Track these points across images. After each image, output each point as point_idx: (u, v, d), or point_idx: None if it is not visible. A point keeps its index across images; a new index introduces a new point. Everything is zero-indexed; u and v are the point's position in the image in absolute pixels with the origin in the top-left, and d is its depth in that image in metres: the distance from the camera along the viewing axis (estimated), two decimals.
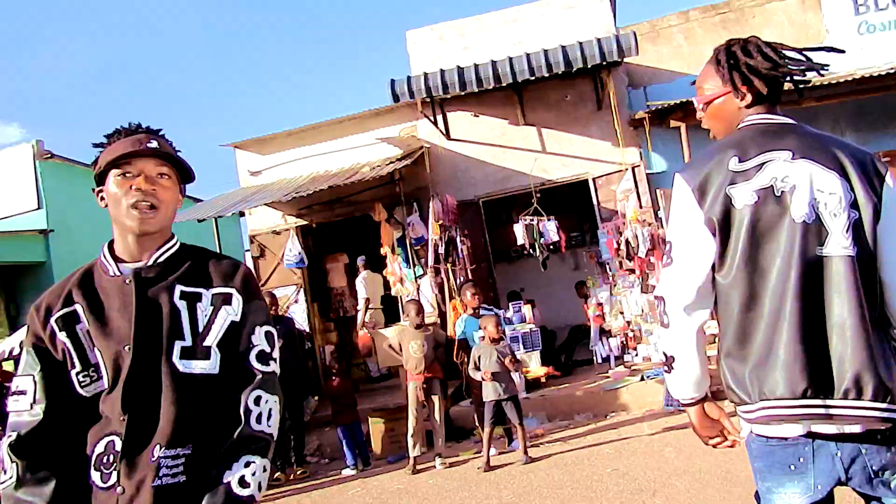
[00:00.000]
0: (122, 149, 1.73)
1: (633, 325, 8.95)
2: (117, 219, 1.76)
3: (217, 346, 1.73)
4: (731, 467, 5.09)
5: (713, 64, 1.99)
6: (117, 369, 1.67)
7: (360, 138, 10.31)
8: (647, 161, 9.53)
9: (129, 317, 1.70)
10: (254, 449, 1.66)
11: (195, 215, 10.57)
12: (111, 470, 1.63)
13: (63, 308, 1.72)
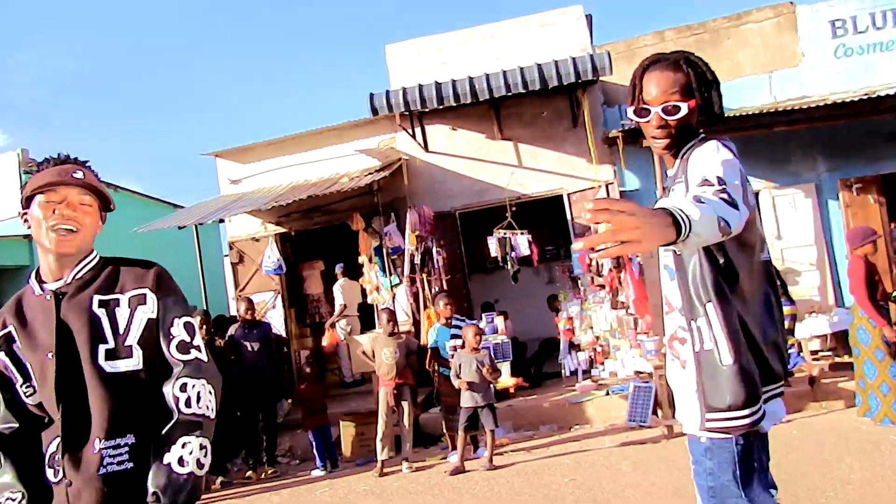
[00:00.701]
0: (49, 177, 1.87)
1: (602, 340, 9.10)
2: (38, 240, 1.90)
3: (138, 343, 1.88)
4: (682, 483, 5.24)
5: (684, 74, 1.96)
6: (44, 376, 1.85)
7: (340, 149, 10.45)
8: (621, 178, 9.70)
9: (50, 328, 1.87)
10: (188, 430, 1.80)
11: (176, 222, 10.68)
12: (57, 468, 1.80)
13: (1, 330, 1.90)
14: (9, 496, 1.78)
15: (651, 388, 7.21)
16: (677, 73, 1.96)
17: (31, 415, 1.88)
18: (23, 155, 13.92)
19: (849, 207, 9.26)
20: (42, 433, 1.86)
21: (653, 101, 1.95)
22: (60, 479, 1.79)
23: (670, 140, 1.99)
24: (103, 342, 1.86)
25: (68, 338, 1.86)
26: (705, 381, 1.93)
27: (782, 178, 9.45)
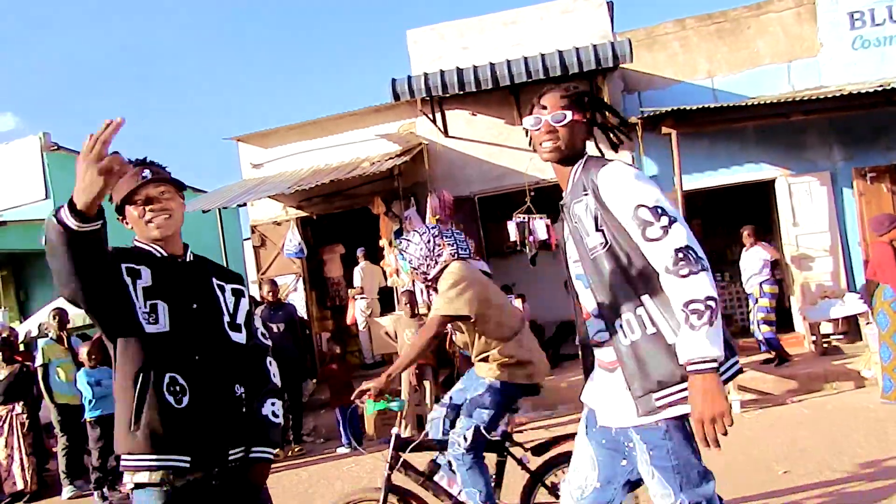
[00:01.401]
0: (126, 185, 2.22)
1: None
2: (143, 235, 2.28)
3: (244, 324, 2.38)
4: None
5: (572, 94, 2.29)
6: (182, 322, 2.20)
7: (360, 133, 10.63)
8: (639, 165, 9.80)
9: (188, 285, 2.28)
10: (275, 395, 2.41)
11: (200, 206, 10.85)
12: (180, 396, 2.13)
13: (131, 264, 2.19)
14: None
15: None
16: (567, 93, 2.26)
17: (139, 337, 2.14)
18: (45, 139, 14.14)
19: (863, 196, 9.38)
20: (154, 362, 2.13)
21: (544, 111, 2.24)
22: (188, 407, 2.13)
23: (556, 147, 2.23)
24: (223, 314, 2.33)
25: (202, 299, 2.29)
26: (650, 364, 2.06)
27: (799, 166, 9.57)
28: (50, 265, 1.99)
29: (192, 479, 2.14)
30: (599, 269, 2.15)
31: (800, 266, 9.49)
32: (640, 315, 2.09)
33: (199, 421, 2.15)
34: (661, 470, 2.09)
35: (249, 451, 2.27)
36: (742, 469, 5.03)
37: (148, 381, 2.11)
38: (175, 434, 2.11)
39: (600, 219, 2.13)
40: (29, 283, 13.86)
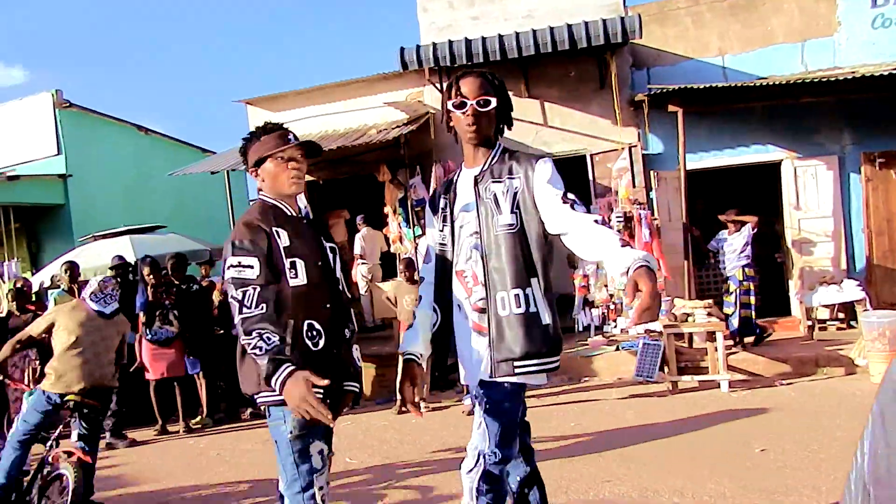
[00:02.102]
0: (273, 142, 2.54)
1: (616, 299, 9.35)
2: (276, 188, 2.57)
3: (341, 277, 2.68)
4: (679, 429, 5.62)
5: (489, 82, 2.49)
6: (314, 275, 2.51)
7: (368, 101, 10.66)
8: (645, 142, 9.82)
9: (316, 243, 2.60)
10: (356, 341, 2.72)
11: (209, 168, 11.02)
12: (317, 339, 2.48)
13: (272, 227, 2.49)
14: (264, 337, 2.30)
15: (660, 346, 7.50)
16: (485, 80, 2.48)
17: (283, 292, 2.43)
18: (57, 96, 14.24)
19: (870, 181, 9.34)
20: (291, 309, 2.43)
21: (469, 95, 2.43)
22: (323, 348, 2.49)
23: (479, 130, 2.47)
24: (336, 269, 2.64)
25: (324, 253, 2.60)
26: (524, 338, 2.35)
27: (806, 149, 9.52)
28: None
29: None
30: (500, 246, 2.40)
31: (800, 250, 9.52)
32: (528, 294, 2.37)
33: (328, 360, 2.49)
34: (490, 423, 2.38)
35: (345, 384, 2.61)
36: (719, 444, 5.17)
37: (294, 329, 2.42)
38: (314, 370, 2.34)
39: (519, 203, 2.40)
40: (41, 236, 14.09)
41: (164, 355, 7.41)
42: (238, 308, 2.34)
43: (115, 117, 15.49)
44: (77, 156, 14.14)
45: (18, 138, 14.20)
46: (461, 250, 2.50)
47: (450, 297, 2.53)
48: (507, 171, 2.44)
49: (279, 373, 2.24)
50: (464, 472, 2.42)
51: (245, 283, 2.37)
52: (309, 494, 2.40)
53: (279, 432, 2.43)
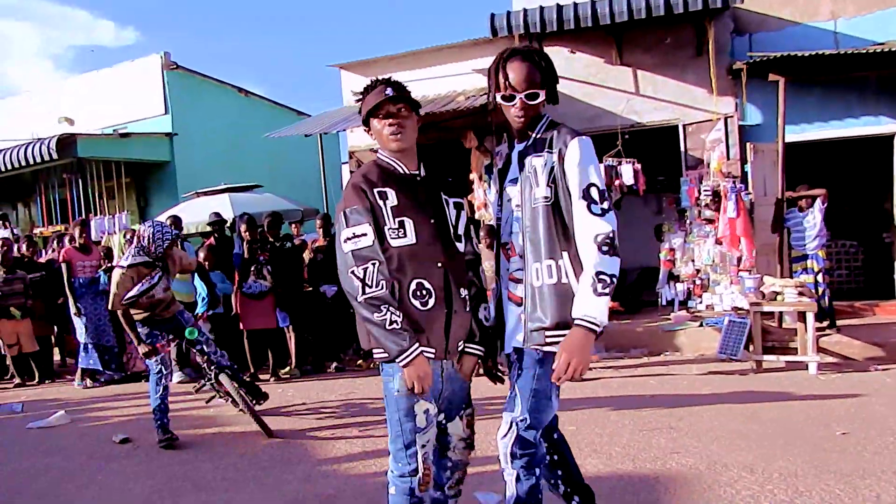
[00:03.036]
0: (373, 100, 2.56)
1: (702, 274, 9.16)
2: (384, 146, 2.60)
3: (463, 234, 2.67)
4: (756, 410, 5.51)
5: (537, 66, 2.51)
6: (425, 234, 2.52)
7: (458, 67, 10.71)
8: (742, 112, 9.46)
9: (427, 201, 2.59)
10: (485, 299, 2.69)
11: (303, 130, 11.39)
12: (426, 299, 2.48)
13: (379, 188, 2.53)
14: (393, 312, 2.40)
15: (746, 324, 7.33)
16: (532, 65, 2.49)
17: (386, 252, 2.47)
18: (165, 58, 14.96)
19: None
20: (400, 272, 2.47)
21: (517, 87, 2.47)
22: (433, 308, 2.49)
23: (527, 118, 2.54)
24: (452, 225, 2.63)
25: (437, 212, 2.60)
26: (556, 308, 2.41)
27: None
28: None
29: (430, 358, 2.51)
30: (536, 218, 2.47)
31: None
32: (560, 266, 2.43)
33: (441, 319, 2.51)
34: (521, 389, 2.47)
35: (467, 345, 2.60)
36: (797, 424, 5.07)
37: (399, 289, 2.46)
38: (422, 331, 2.46)
39: (555, 177, 2.45)
40: (149, 191, 14.99)
41: (256, 308, 7.83)
42: (360, 288, 2.40)
43: (217, 79, 16.13)
44: (182, 115, 14.89)
45: (129, 98, 15.03)
46: (507, 223, 2.59)
47: (500, 265, 2.64)
48: (547, 144, 2.50)
49: (407, 355, 2.38)
50: (499, 438, 2.50)
51: (365, 257, 2.42)
52: (411, 452, 2.49)
53: (388, 388, 2.51)
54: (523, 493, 2.48)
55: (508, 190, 2.60)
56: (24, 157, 12.61)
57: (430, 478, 2.57)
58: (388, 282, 2.42)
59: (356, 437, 5.18)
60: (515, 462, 2.46)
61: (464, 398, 2.68)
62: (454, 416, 2.66)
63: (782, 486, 3.77)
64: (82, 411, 6.88)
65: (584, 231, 2.38)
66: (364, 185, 2.51)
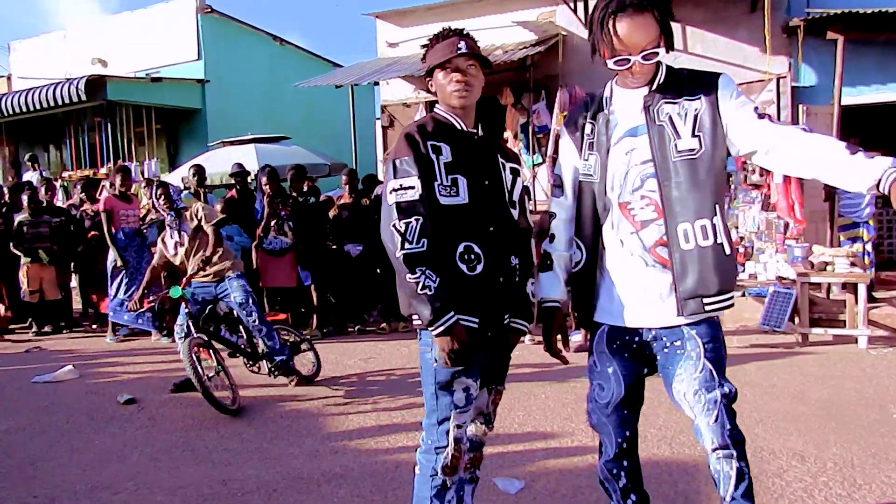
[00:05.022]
0: (442, 52, 2.38)
1: (746, 241, 8.71)
2: (445, 100, 2.43)
3: (518, 202, 2.51)
4: (804, 388, 5.17)
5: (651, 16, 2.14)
6: (478, 195, 2.37)
7: (498, 19, 10.20)
8: (796, 73, 8.90)
9: (485, 161, 2.44)
10: (533, 274, 2.52)
11: (334, 81, 11.05)
12: (475, 264, 2.32)
13: (433, 141, 2.36)
14: (428, 275, 2.22)
15: (791, 295, 6.93)
16: (647, 16, 2.12)
17: (434, 210, 2.30)
18: (200, 1, 14.61)
19: None
20: (446, 231, 2.30)
21: (632, 50, 2.14)
22: (481, 274, 2.33)
23: (647, 76, 2.22)
24: (506, 191, 2.47)
25: (493, 174, 2.44)
26: (713, 271, 2.14)
27: None
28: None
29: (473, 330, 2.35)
30: (679, 173, 2.16)
31: None
32: (715, 224, 2.15)
33: (488, 287, 2.34)
34: (714, 361, 2.16)
35: (512, 319, 2.45)
36: (850, 405, 4.72)
37: (446, 250, 2.30)
38: (467, 297, 2.29)
39: (701, 125, 2.15)
40: (179, 138, 14.79)
41: (276, 265, 7.63)
42: (400, 242, 2.23)
43: (252, 26, 15.79)
44: (215, 62, 14.59)
45: (163, 41, 14.76)
46: (626, 180, 2.24)
47: (596, 233, 2.29)
48: (683, 90, 2.19)
49: (441, 323, 2.21)
50: (707, 427, 2.15)
51: (408, 210, 2.25)
52: (444, 428, 2.32)
53: (425, 358, 2.35)
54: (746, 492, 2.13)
55: (625, 142, 2.25)
56: (54, 96, 12.48)
57: (460, 463, 2.36)
58: (431, 240, 2.24)
59: (371, 409, 4.94)
60: (740, 448, 2.13)
61: (499, 373, 2.50)
62: (483, 388, 2.45)
63: (837, 478, 3.45)
64: (94, 365, 6.75)
65: (789, 133, 2.08)
66: (418, 135, 2.33)
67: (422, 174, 2.28)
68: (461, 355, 2.23)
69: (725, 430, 2.12)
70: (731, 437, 2.12)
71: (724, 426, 2.12)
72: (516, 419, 4.58)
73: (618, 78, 2.28)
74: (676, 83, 2.21)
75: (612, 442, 2.33)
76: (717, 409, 2.12)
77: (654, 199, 2.19)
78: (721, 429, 2.12)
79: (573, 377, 5.60)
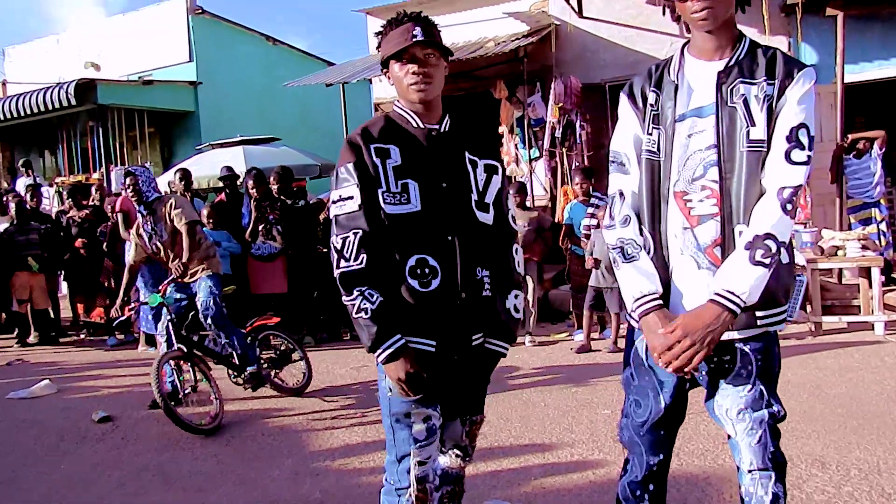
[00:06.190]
0: (395, 40, 2.11)
1: None
2: (403, 95, 2.16)
3: (493, 203, 2.22)
4: (822, 382, 4.94)
5: None
6: (434, 199, 2.10)
7: (490, 11, 9.99)
8: (796, 52, 8.64)
9: (440, 162, 2.15)
10: (517, 286, 2.26)
11: (324, 79, 10.82)
12: (429, 278, 2.07)
13: (379, 144, 2.11)
14: (367, 295, 2.00)
15: (803, 282, 6.69)
16: None
17: (379, 221, 2.06)
18: (190, 2, 14.45)
19: None
20: (394, 243, 2.07)
21: None
22: (437, 290, 2.07)
23: (713, 13, 1.85)
24: (472, 191, 2.18)
25: (452, 175, 2.16)
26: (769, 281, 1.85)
27: None
28: None
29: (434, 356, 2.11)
30: (743, 166, 1.87)
31: None
32: None
33: (446, 304, 2.09)
34: (765, 380, 1.94)
35: (487, 340, 2.20)
36: (871, 402, 4.46)
37: (396, 265, 2.07)
38: (421, 317, 2.06)
39: (773, 114, 1.86)
40: (174, 141, 14.64)
41: (266, 271, 7.40)
42: (336, 259, 2.02)
43: (245, 26, 15.64)
44: (207, 63, 14.44)
45: (153, 43, 14.59)
46: (685, 165, 1.93)
47: (656, 222, 1.97)
48: (764, 70, 1.87)
49: (384, 349, 1.99)
50: (749, 447, 1.93)
51: (346, 224, 2.03)
52: (404, 467, 2.08)
53: (381, 387, 2.12)
54: None
55: (690, 122, 1.94)
56: (45, 101, 12.39)
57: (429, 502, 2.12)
58: (373, 256, 2.01)
59: (359, 423, 4.69)
60: (780, 471, 1.93)
61: (473, 402, 2.24)
62: (455, 418, 2.21)
63: (864, 487, 3.17)
64: (74, 379, 6.56)
65: (772, 179, 1.84)
66: (360, 139, 2.10)
67: (363, 182, 2.04)
68: (415, 383, 2.01)
69: (767, 452, 1.92)
70: (773, 460, 1.92)
71: (767, 447, 1.91)
72: (513, 431, 4.33)
73: (690, 44, 1.97)
74: (759, 61, 1.90)
75: (641, 463, 2.08)
76: (762, 430, 1.91)
77: (717, 191, 1.90)
78: (763, 450, 1.91)
79: (575, 382, 5.38)
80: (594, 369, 5.80)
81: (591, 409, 4.65)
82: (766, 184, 1.84)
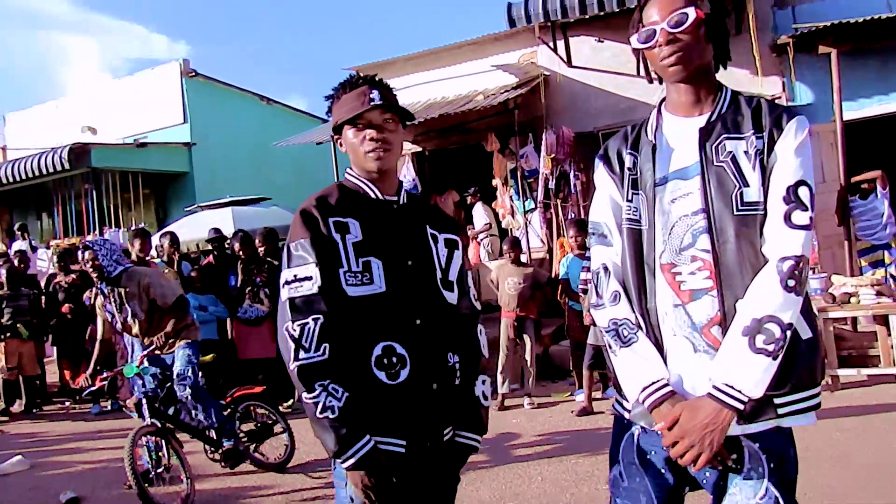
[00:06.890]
0: (350, 104, 1.95)
1: None
2: (358, 163, 2.00)
3: (456, 281, 2.07)
4: (845, 449, 4.55)
5: None
6: (399, 279, 1.90)
7: (479, 65, 9.97)
8: (790, 92, 8.58)
9: (404, 237, 1.98)
10: (484, 370, 2.11)
11: (313, 138, 10.77)
12: (397, 369, 1.86)
13: (337, 217, 1.91)
14: (332, 391, 1.77)
15: None
16: None
17: (340, 305, 1.84)
18: (184, 65, 14.66)
19: None
20: (360, 332, 1.86)
21: (659, 17, 1.69)
22: (406, 381, 1.86)
23: (683, 58, 1.68)
24: (437, 269, 2.01)
25: (417, 252, 1.98)
26: (784, 363, 1.61)
27: None
28: None
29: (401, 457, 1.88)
30: (740, 232, 1.65)
31: None
32: None
33: (417, 397, 1.88)
34: (781, 486, 1.66)
35: (457, 433, 2.00)
36: (891, 463, 4.13)
37: (359, 355, 1.85)
38: (389, 414, 1.85)
39: (766, 172, 1.66)
40: (169, 202, 14.67)
41: (253, 335, 7.16)
42: (293, 350, 1.77)
43: (238, 87, 15.79)
44: (202, 124, 14.53)
45: (149, 106, 14.73)
46: (671, 234, 1.72)
47: (641, 297, 1.74)
48: (750, 123, 1.68)
49: (351, 454, 1.76)
50: None
51: (304, 309, 1.80)
52: None
53: (339, 496, 1.90)
54: None
55: (673, 185, 1.73)
56: (39, 166, 12.50)
57: None
58: (336, 345, 1.78)
59: None
60: None
61: (442, 501, 2.02)
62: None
63: None
64: (50, 453, 6.29)
65: (771, 247, 1.61)
66: (317, 211, 1.89)
67: (321, 260, 1.83)
68: (384, 492, 1.76)
69: None
70: None
71: None
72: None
73: (666, 100, 1.79)
74: (743, 112, 1.71)
75: None
76: None
77: (710, 262, 1.68)
78: None
79: (576, 451, 5.06)
80: (596, 436, 5.47)
81: (592, 483, 4.33)
82: (766, 251, 1.62)
